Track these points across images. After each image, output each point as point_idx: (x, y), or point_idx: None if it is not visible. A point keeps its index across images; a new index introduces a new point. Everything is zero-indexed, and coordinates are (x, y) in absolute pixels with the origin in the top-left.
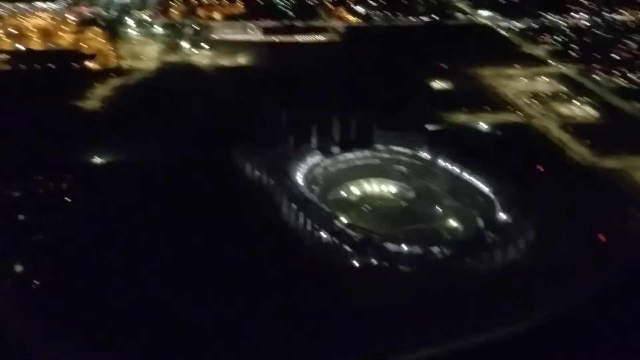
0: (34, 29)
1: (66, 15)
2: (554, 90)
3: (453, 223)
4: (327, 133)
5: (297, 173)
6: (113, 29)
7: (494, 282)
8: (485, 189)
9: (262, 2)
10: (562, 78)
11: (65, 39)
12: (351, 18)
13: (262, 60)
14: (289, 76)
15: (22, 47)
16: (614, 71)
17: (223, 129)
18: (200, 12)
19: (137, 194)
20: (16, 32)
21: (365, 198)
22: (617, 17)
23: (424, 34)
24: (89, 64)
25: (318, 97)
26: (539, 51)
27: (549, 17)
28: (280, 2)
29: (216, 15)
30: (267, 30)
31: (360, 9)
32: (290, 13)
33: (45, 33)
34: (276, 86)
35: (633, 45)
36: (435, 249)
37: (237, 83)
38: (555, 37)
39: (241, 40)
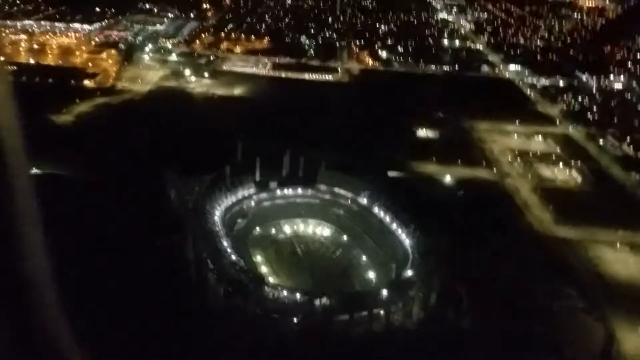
0: (55, 47)
1: (94, 37)
2: (546, 150)
3: (371, 275)
4: (272, 168)
5: (218, 204)
6: (129, 53)
7: (360, 346)
8: (407, 243)
9: (289, 41)
10: (563, 140)
11: (80, 58)
12: (371, 62)
13: (254, 93)
14: (271, 110)
15: (32, 62)
16: (627, 138)
17: (172, 153)
18: (223, 45)
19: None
20: (37, 47)
21: (295, 238)
22: None
23: (436, 82)
24: (87, 82)
25: (288, 133)
26: (554, 110)
27: (583, 77)
28: (307, 42)
29: (238, 49)
30: (276, 66)
31: (384, 54)
32: (311, 52)
33: (64, 51)
34: (252, 118)
35: None
36: (319, 301)
37: (215, 112)
38: (578, 97)
39: (246, 73)
